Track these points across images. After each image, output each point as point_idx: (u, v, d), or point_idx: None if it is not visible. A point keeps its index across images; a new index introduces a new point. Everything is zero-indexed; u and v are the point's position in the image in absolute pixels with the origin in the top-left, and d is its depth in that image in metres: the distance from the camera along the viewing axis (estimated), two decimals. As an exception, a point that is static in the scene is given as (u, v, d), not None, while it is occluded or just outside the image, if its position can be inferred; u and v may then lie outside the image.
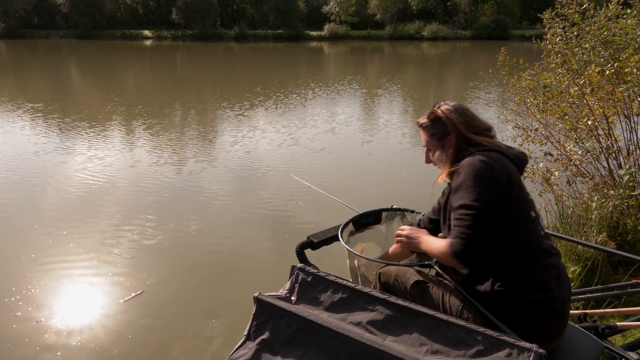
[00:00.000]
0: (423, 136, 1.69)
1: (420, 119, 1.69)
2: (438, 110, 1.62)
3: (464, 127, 1.56)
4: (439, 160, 1.63)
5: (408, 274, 1.65)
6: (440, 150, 1.62)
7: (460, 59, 27.14)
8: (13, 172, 6.08)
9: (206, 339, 2.90)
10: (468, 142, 1.55)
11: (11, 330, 2.95)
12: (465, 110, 1.61)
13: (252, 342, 1.15)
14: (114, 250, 3.98)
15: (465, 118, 1.58)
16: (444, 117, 1.59)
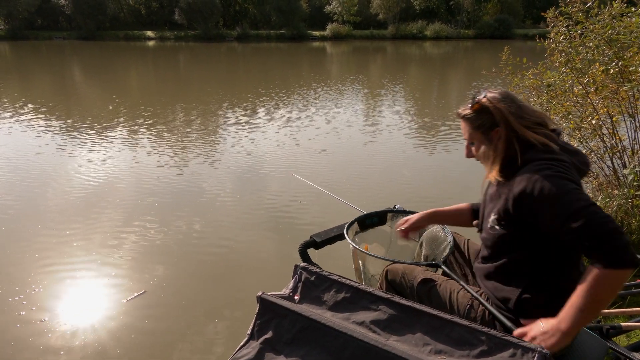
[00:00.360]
0: (465, 128, 1.51)
1: (461, 109, 1.51)
2: (484, 99, 1.43)
3: (515, 117, 1.38)
4: (485, 155, 1.47)
5: (415, 271, 1.64)
6: (487, 144, 1.45)
7: (463, 58, 27.08)
8: (16, 173, 6.10)
9: (208, 338, 2.90)
10: (519, 136, 1.37)
11: (15, 330, 2.96)
12: (514, 98, 1.43)
13: (256, 341, 1.15)
14: (116, 251, 3.98)
15: (515, 107, 1.40)
16: (491, 107, 1.41)
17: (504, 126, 1.39)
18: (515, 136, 1.37)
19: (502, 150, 1.40)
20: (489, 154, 1.45)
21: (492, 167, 1.43)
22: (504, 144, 1.39)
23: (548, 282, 1.36)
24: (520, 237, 1.36)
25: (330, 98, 12.11)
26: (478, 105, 1.44)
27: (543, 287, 1.36)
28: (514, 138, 1.37)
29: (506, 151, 1.39)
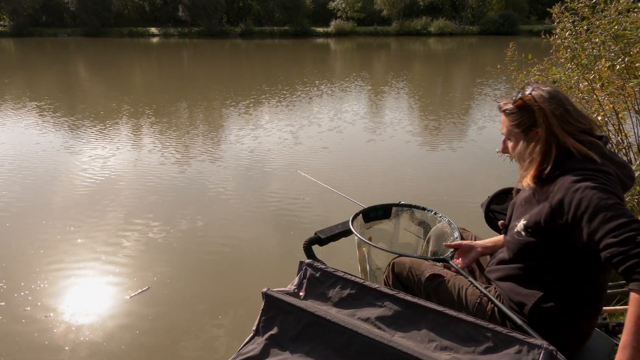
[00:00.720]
0: (504, 122, 1.43)
1: (503, 102, 1.43)
2: (528, 96, 1.33)
3: (558, 121, 1.29)
4: (520, 155, 1.39)
5: (422, 266, 1.62)
6: (524, 144, 1.37)
7: (468, 54, 26.96)
8: (20, 170, 6.13)
9: (212, 334, 2.91)
10: (559, 142, 1.29)
11: (21, 325, 2.98)
12: (563, 100, 1.32)
13: (261, 337, 1.15)
14: (120, 247, 4.00)
15: (561, 110, 1.29)
16: (535, 106, 1.31)
17: (545, 128, 1.30)
18: (555, 141, 1.29)
19: (538, 154, 1.32)
20: (524, 154, 1.37)
21: (526, 171, 1.35)
22: (541, 147, 1.31)
23: (568, 291, 1.32)
24: (547, 247, 1.31)
25: (333, 95, 12.09)
26: (521, 102, 1.35)
27: (562, 296, 1.33)
28: (553, 143, 1.29)
29: (543, 156, 1.31)
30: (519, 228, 1.35)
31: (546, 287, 1.34)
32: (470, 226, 1.92)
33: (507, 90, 11.18)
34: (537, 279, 1.36)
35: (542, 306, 1.34)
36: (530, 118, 1.34)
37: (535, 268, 1.36)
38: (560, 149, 1.29)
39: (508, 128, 1.43)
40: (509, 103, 1.41)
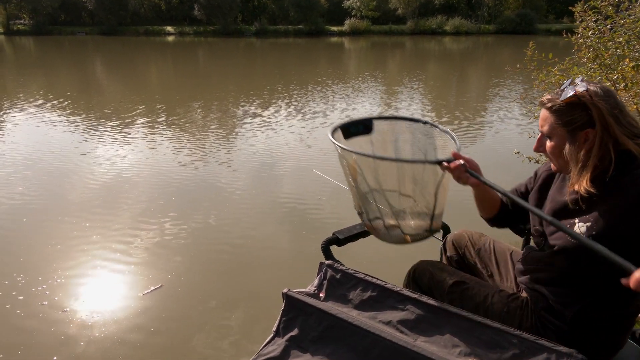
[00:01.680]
0: (547, 120, 1.29)
1: (548, 98, 1.29)
2: (584, 92, 1.20)
3: (615, 121, 1.18)
4: (572, 158, 1.26)
5: (445, 273, 1.56)
6: (572, 145, 1.24)
7: (484, 54, 26.68)
8: (37, 166, 6.23)
9: (225, 332, 2.91)
10: (618, 144, 1.19)
11: (38, 319, 3.02)
12: (617, 99, 1.22)
13: (281, 338, 1.13)
14: (134, 244, 4.03)
15: (618, 110, 1.20)
16: (591, 104, 1.19)
17: (601, 129, 1.19)
18: (612, 143, 1.19)
19: (595, 157, 1.20)
20: (577, 157, 1.24)
21: (580, 175, 1.24)
22: (597, 149, 1.20)
23: (615, 300, 1.26)
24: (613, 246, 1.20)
25: (347, 95, 12.04)
26: (575, 99, 1.21)
27: (607, 305, 1.27)
28: (610, 145, 1.19)
29: (600, 159, 1.20)
30: (577, 231, 1.24)
31: (593, 295, 1.27)
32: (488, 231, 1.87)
33: (525, 90, 11.02)
34: (585, 286, 1.28)
35: (585, 314, 1.28)
36: (583, 117, 1.21)
37: (587, 274, 1.27)
38: (618, 152, 1.19)
39: (552, 126, 1.28)
40: (556, 99, 1.26)
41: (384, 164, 1.34)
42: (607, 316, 1.28)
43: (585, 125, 1.22)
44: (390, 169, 1.37)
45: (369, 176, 1.39)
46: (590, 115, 1.20)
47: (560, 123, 1.25)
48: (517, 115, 9.30)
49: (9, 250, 3.93)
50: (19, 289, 3.35)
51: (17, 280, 3.46)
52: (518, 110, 9.74)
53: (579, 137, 1.23)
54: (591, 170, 1.22)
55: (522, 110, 9.41)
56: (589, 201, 1.24)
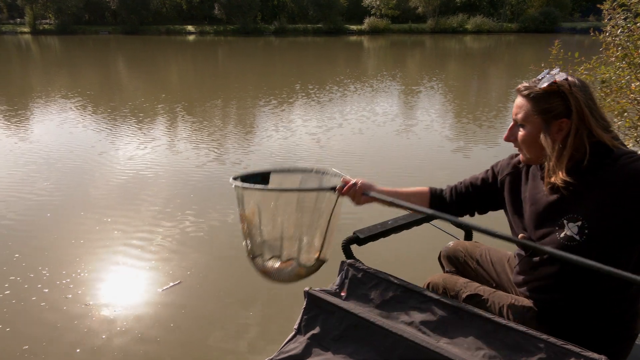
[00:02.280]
0: (522, 107, 1.28)
1: (525, 85, 1.28)
2: (564, 81, 1.20)
3: (591, 114, 1.18)
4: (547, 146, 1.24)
5: (458, 286, 1.54)
6: (546, 134, 1.23)
7: (505, 53, 26.25)
8: (61, 161, 6.37)
9: (244, 329, 2.92)
10: (592, 135, 1.19)
11: (62, 312, 3.08)
12: (592, 92, 1.23)
13: (303, 336, 1.13)
14: (154, 240, 4.08)
15: (592, 103, 1.20)
16: (569, 93, 1.18)
17: (577, 118, 1.18)
18: (586, 133, 1.19)
19: (571, 146, 1.19)
20: (553, 146, 1.22)
21: (556, 166, 1.22)
22: (572, 139, 1.19)
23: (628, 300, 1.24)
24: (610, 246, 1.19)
25: (366, 94, 12.00)
26: (554, 87, 1.20)
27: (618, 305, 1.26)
28: (585, 135, 1.18)
29: (575, 149, 1.19)
30: (569, 232, 1.21)
31: (599, 295, 1.25)
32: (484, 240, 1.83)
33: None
34: (587, 288, 1.25)
35: (595, 316, 1.25)
36: (560, 106, 1.20)
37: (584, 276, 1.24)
38: (592, 143, 1.19)
39: (527, 113, 1.26)
40: (534, 86, 1.24)
41: (283, 201, 1.40)
42: (618, 314, 1.25)
43: (561, 115, 1.21)
44: (289, 206, 1.42)
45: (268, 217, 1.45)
46: (567, 105, 1.19)
47: (536, 110, 1.24)
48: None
49: (34, 244, 4.03)
50: (43, 282, 3.43)
51: (42, 273, 3.55)
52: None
53: (553, 126, 1.22)
54: (567, 160, 1.20)
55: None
56: (572, 198, 1.22)
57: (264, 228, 1.46)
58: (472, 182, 1.57)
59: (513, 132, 1.34)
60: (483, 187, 1.54)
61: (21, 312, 3.08)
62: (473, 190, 1.56)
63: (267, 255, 1.49)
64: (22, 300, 3.20)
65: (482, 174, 1.56)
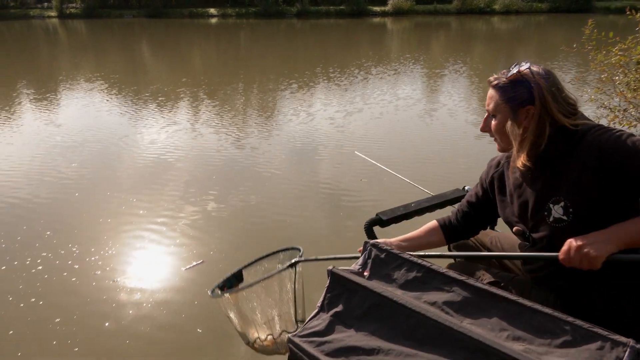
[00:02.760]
0: (492, 98, 1.38)
1: (494, 77, 1.38)
2: (526, 70, 1.29)
3: (553, 100, 1.26)
4: (510, 133, 1.33)
5: (476, 274, 1.54)
6: (513, 121, 1.32)
7: (535, 34, 25.39)
8: (88, 144, 6.52)
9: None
10: (553, 120, 1.26)
11: (91, 288, 3.20)
12: (556, 79, 1.30)
13: (326, 313, 1.14)
14: (178, 221, 4.16)
15: (555, 89, 1.27)
16: (532, 81, 1.27)
17: (540, 105, 1.26)
18: (549, 120, 1.26)
19: (532, 132, 1.27)
20: (516, 132, 1.31)
21: (519, 150, 1.31)
22: (535, 125, 1.27)
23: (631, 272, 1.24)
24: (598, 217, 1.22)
25: (389, 77, 11.83)
26: (518, 75, 1.30)
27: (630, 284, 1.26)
28: (547, 121, 1.26)
29: (537, 134, 1.26)
30: (556, 214, 1.26)
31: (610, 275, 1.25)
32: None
33: (580, 73, 10.45)
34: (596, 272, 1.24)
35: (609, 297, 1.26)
36: (524, 94, 1.29)
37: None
38: (555, 129, 1.26)
39: (496, 103, 1.36)
40: (502, 77, 1.35)
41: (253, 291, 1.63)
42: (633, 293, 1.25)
43: (526, 102, 1.28)
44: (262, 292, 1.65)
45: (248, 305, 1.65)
46: (531, 92, 1.27)
47: (504, 99, 1.33)
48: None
49: (64, 223, 4.17)
50: (73, 259, 3.55)
51: (72, 250, 3.67)
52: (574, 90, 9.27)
53: (520, 113, 1.30)
54: (529, 145, 1.28)
55: (575, 94, 8.95)
56: (552, 181, 1.28)
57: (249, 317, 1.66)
58: (469, 201, 1.64)
59: (487, 122, 1.43)
60: (479, 201, 1.60)
61: (53, 286, 3.21)
62: (472, 208, 1.62)
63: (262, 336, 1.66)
64: (54, 275, 3.33)
65: (475, 189, 1.64)
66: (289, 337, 1.10)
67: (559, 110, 1.26)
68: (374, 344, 1.05)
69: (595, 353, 1.00)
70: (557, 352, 1.02)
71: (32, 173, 5.43)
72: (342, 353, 1.05)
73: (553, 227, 1.28)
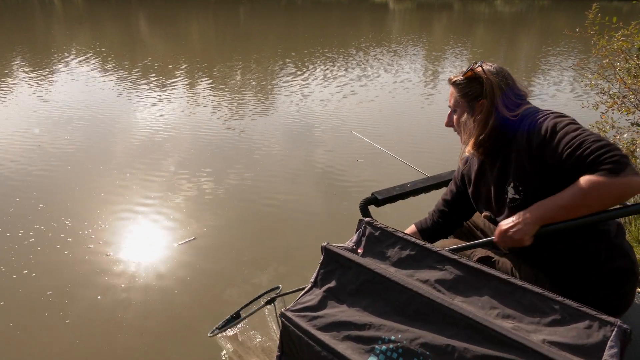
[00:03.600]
0: (452, 94, 1.52)
1: (454, 75, 1.52)
2: (478, 68, 1.43)
3: (501, 94, 1.39)
4: (464, 125, 1.47)
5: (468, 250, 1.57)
6: (469, 114, 1.46)
7: (537, 18, 25.13)
8: (83, 117, 6.46)
9: (256, 286, 2.96)
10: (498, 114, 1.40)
11: (84, 262, 3.20)
12: (508, 76, 1.43)
13: (319, 289, 1.15)
14: (171, 196, 4.15)
15: (505, 83, 1.40)
16: (484, 77, 1.41)
17: (489, 99, 1.39)
18: (495, 112, 1.39)
19: (479, 123, 1.41)
20: (468, 123, 1.45)
21: (468, 139, 1.44)
22: (482, 117, 1.40)
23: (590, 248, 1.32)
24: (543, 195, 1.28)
25: (388, 58, 11.72)
26: (472, 73, 1.44)
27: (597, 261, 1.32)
28: (493, 114, 1.39)
29: (483, 124, 1.40)
30: (510, 195, 1.37)
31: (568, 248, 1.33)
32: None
33: (580, 59, 10.37)
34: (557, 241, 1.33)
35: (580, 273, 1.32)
36: (477, 89, 1.42)
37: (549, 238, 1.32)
38: (499, 120, 1.38)
39: (455, 99, 1.50)
40: (459, 75, 1.49)
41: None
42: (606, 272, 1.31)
43: (479, 97, 1.42)
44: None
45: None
46: (483, 87, 1.40)
47: (460, 95, 1.47)
48: (568, 86, 8.83)
49: (57, 196, 4.14)
50: (66, 232, 3.54)
51: (65, 223, 3.66)
52: (569, 80, 9.23)
53: (476, 107, 1.43)
54: (475, 135, 1.41)
55: (575, 80, 8.92)
56: (504, 167, 1.40)
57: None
58: (445, 199, 1.72)
59: (450, 117, 1.55)
60: (453, 198, 1.69)
61: (46, 259, 3.21)
62: (448, 206, 1.70)
63: None
64: (46, 248, 3.33)
65: (449, 187, 1.73)
66: (281, 312, 1.10)
67: (504, 103, 1.38)
68: (366, 320, 1.05)
69: (583, 332, 1.01)
70: (545, 330, 1.03)
71: (26, 145, 5.38)
72: (334, 327, 1.06)
73: (510, 207, 1.38)
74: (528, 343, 0.98)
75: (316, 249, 1.28)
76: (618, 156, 1.12)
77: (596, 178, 1.12)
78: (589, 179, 1.13)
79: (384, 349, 1.02)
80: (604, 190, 1.12)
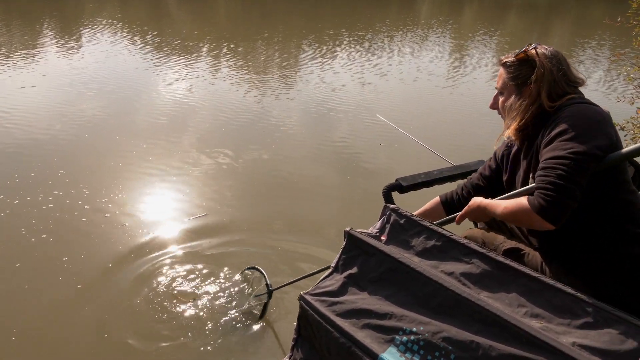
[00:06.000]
0: (501, 76, 1.46)
1: (505, 56, 1.46)
2: (532, 50, 1.36)
3: (551, 82, 1.32)
4: (510, 108, 1.42)
5: (498, 239, 1.52)
6: (516, 98, 1.40)
7: (573, 7, 24.22)
8: (108, 88, 6.48)
9: (267, 265, 2.91)
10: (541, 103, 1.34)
11: (101, 229, 3.22)
12: (562, 60, 1.35)
13: (340, 274, 1.11)
14: (190, 171, 4.14)
15: (556, 69, 1.32)
16: (537, 61, 1.33)
17: (537, 85, 1.33)
18: (538, 100, 1.33)
19: (523, 108, 1.35)
20: (514, 107, 1.39)
21: (510, 123, 1.39)
22: (527, 102, 1.35)
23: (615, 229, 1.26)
24: None
25: (416, 43, 11.47)
26: (524, 55, 1.38)
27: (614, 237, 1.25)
28: (537, 101, 1.33)
29: (525, 110, 1.35)
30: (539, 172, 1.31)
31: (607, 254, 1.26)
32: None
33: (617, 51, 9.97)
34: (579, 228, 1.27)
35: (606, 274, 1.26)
36: (528, 72, 1.36)
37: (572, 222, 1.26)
38: (540, 108, 1.33)
39: (504, 81, 1.44)
40: (510, 56, 1.43)
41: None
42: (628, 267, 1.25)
43: (529, 81, 1.35)
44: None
45: None
46: (535, 72, 1.33)
47: (509, 77, 1.42)
48: (601, 77, 8.53)
49: (77, 163, 4.18)
50: (84, 199, 3.57)
51: (83, 191, 3.69)
52: (602, 72, 8.91)
53: (524, 91, 1.37)
54: (517, 121, 1.36)
55: (609, 72, 8.60)
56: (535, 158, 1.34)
57: None
58: (482, 173, 1.67)
59: (496, 99, 1.51)
60: (491, 173, 1.64)
61: (64, 225, 3.24)
62: (484, 180, 1.66)
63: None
64: (65, 214, 3.36)
65: (488, 162, 1.69)
66: (300, 295, 1.08)
67: (548, 91, 1.32)
68: (387, 309, 1.02)
69: (617, 337, 0.96)
70: (576, 332, 0.98)
71: (51, 112, 5.43)
72: (354, 315, 1.02)
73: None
74: (557, 345, 0.93)
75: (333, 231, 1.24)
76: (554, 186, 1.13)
77: (526, 205, 1.18)
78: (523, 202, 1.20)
79: (405, 340, 0.98)
80: (525, 219, 1.20)
